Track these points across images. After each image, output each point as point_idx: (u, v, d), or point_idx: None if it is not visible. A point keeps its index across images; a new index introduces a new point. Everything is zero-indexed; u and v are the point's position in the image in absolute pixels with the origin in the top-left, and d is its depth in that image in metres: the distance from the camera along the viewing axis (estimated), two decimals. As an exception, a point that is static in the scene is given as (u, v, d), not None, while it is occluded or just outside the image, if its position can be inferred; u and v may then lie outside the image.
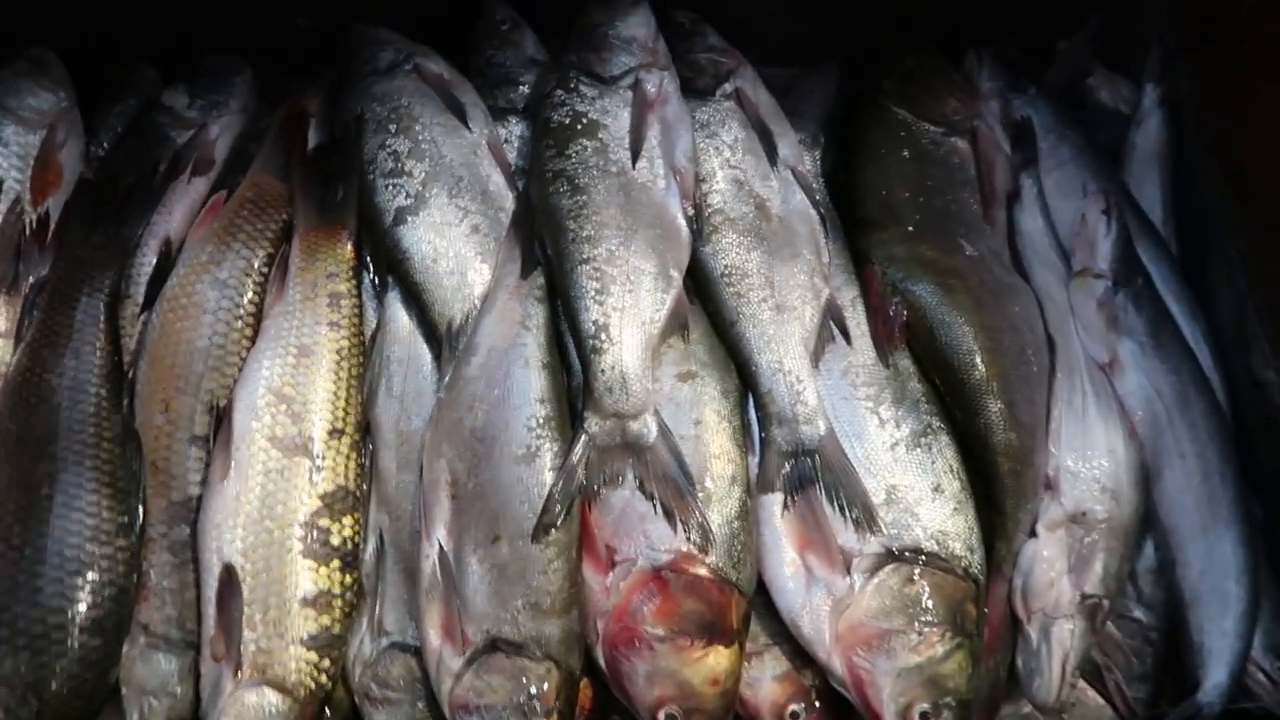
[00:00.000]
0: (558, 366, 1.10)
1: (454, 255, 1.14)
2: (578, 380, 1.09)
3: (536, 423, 1.06)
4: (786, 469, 1.09)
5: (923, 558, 1.06)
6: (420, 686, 1.04)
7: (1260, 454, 1.22)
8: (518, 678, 0.99)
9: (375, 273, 1.16)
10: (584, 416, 1.05)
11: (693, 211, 1.17)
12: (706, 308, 1.15)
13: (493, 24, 1.30)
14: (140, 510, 1.07)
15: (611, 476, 1.04)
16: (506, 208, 1.18)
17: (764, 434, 1.11)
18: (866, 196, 1.26)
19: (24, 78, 1.26)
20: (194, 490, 1.07)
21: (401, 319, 1.14)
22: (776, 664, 1.08)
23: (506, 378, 1.07)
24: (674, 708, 1.00)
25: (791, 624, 1.06)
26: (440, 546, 1.03)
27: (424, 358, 1.13)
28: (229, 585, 1.01)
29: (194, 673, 1.03)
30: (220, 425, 1.07)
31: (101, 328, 1.14)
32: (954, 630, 1.04)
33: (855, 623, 1.04)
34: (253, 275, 1.14)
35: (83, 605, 1.01)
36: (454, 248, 1.14)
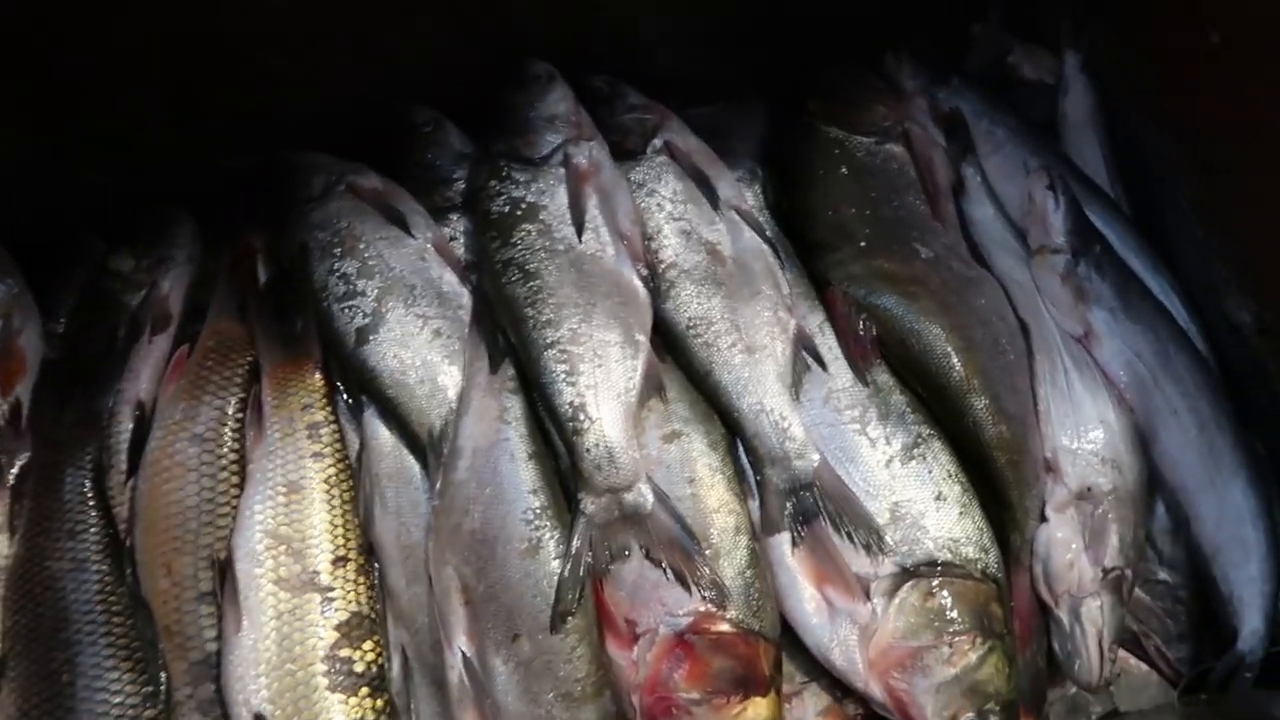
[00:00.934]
0: (544, 453, 1.10)
1: (421, 364, 1.14)
2: (566, 463, 1.09)
3: (533, 514, 1.06)
4: (788, 507, 1.09)
5: (938, 568, 1.06)
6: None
7: (1251, 395, 1.22)
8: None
9: (348, 395, 1.16)
10: (579, 499, 1.05)
11: (646, 272, 1.18)
12: (679, 363, 1.16)
13: (414, 128, 1.31)
14: (163, 676, 1.07)
15: (617, 551, 1.04)
16: (464, 304, 1.19)
17: (759, 476, 1.11)
18: (814, 220, 1.27)
19: (-32, 275, 1.27)
20: (211, 646, 1.06)
21: (383, 435, 1.15)
22: (817, 700, 1.08)
23: (495, 475, 1.07)
24: (724, 767, 1.00)
25: (823, 659, 1.06)
26: (463, 654, 1.03)
27: (412, 469, 1.13)
28: (262, 736, 1.01)
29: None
30: (224, 577, 1.07)
31: (92, 503, 1.15)
32: (983, 634, 1.04)
33: (885, 647, 1.04)
34: (229, 424, 1.15)
35: (123, 783, 1.01)
36: (420, 356, 1.15)
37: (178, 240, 1.32)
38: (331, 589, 1.07)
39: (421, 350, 1.15)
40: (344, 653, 1.05)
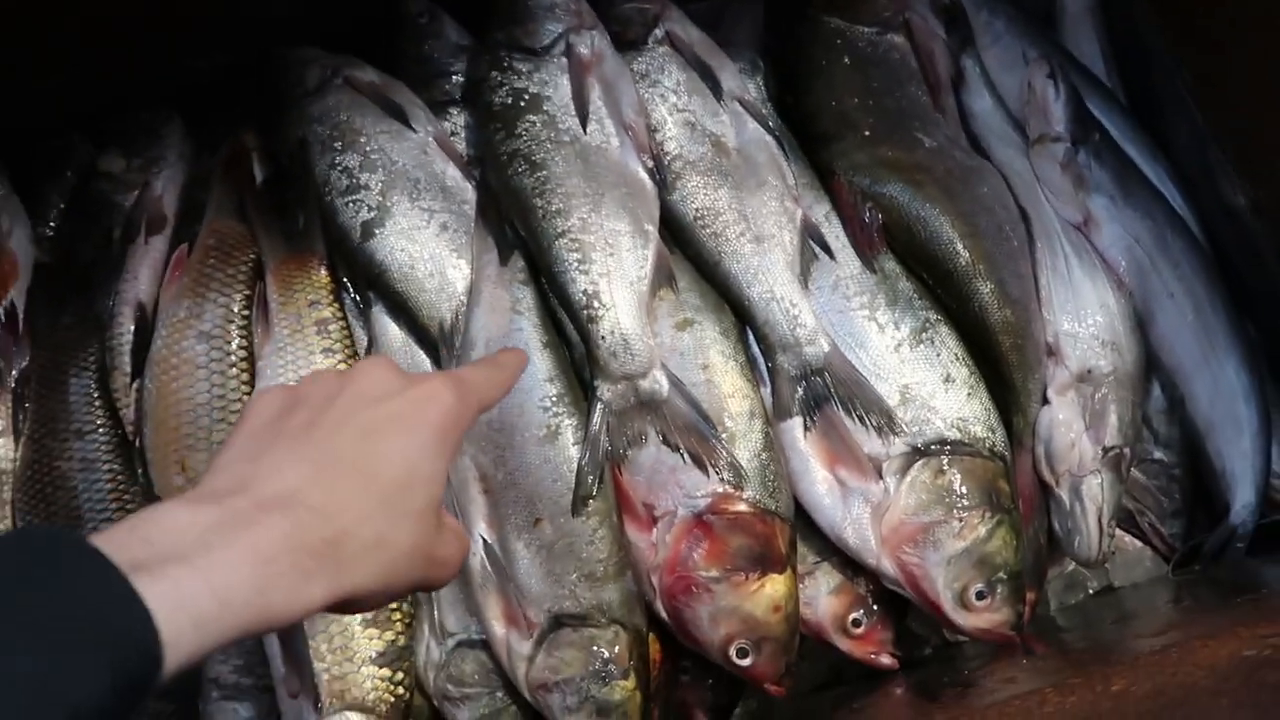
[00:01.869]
0: (558, 343, 1.10)
1: (430, 257, 1.13)
2: (580, 352, 1.09)
3: (550, 401, 1.06)
4: (799, 392, 1.10)
5: (948, 447, 1.08)
6: (495, 677, 1.06)
7: (1246, 278, 1.25)
8: (589, 647, 1.01)
9: (355, 292, 1.15)
10: (595, 385, 1.06)
11: (652, 163, 1.17)
12: (687, 254, 1.16)
13: (410, 21, 1.28)
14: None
15: (634, 437, 1.05)
16: (469, 199, 1.18)
17: (770, 364, 1.12)
18: (818, 111, 1.26)
19: (-45, 177, 1.24)
20: (228, 541, 1.07)
21: (392, 331, 1.14)
22: (829, 579, 1.11)
23: (510, 365, 1.07)
24: (743, 641, 1.02)
25: (836, 538, 1.09)
26: (484, 540, 1.04)
27: (424, 364, 1.12)
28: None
29: (274, 716, 1.04)
30: (240, 473, 1.06)
31: (98, 404, 1.14)
32: (992, 509, 1.07)
33: (897, 523, 1.06)
34: (235, 321, 1.13)
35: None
36: (428, 250, 1.14)
37: (168, 140, 1.29)
38: (348, 482, 1.07)
39: (429, 244, 1.14)
40: (362, 544, 1.05)
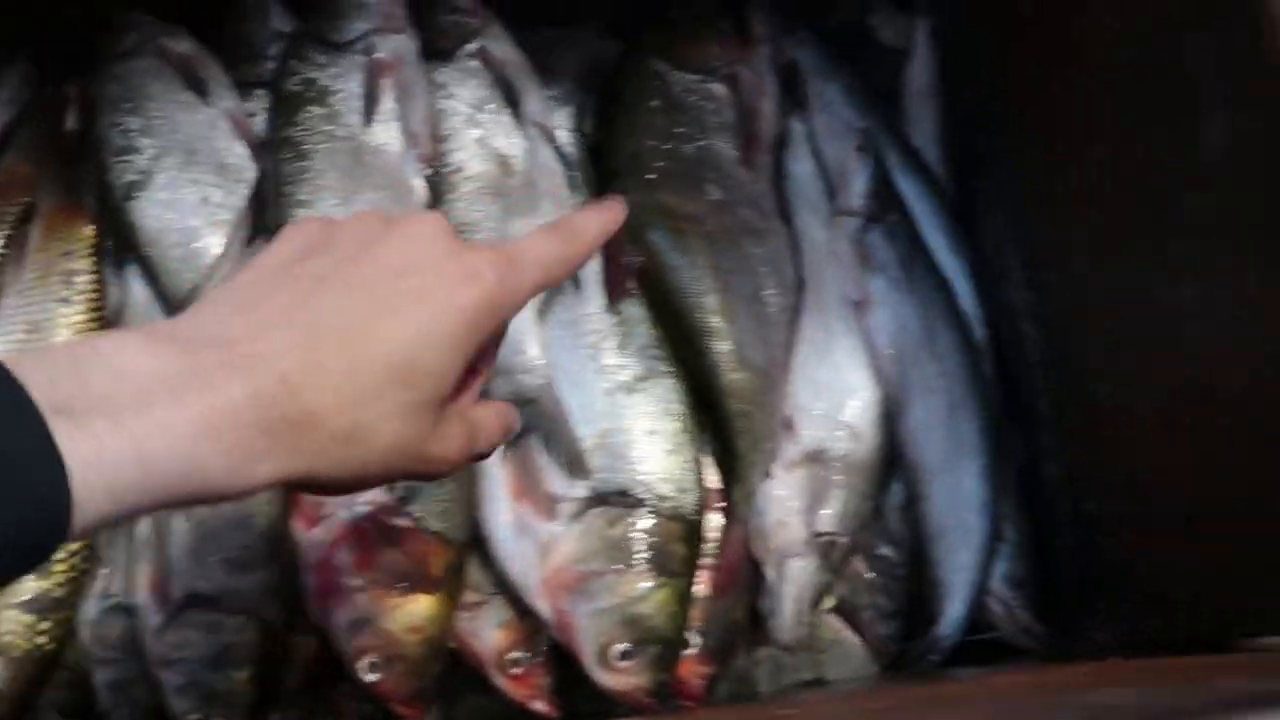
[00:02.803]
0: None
1: (181, 228, 1.16)
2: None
3: (239, 384, 1.07)
4: (504, 419, 1.09)
5: (629, 500, 1.06)
6: (138, 645, 1.07)
7: (1015, 385, 1.20)
8: (214, 631, 1.01)
9: (115, 251, 1.19)
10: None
11: (430, 172, 1.18)
12: (436, 266, 1.16)
13: (237, 1, 1.32)
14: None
15: (315, 433, 1.06)
16: (248, 179, 1.20)
17: (486, 384, 1.11)
18: (616, 149, 1.25)
19: None
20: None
21: (139, 293, 1.17)
22: (499, 613, 1.09)
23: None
24: (375, 657, 1.01)
25: (504, 572, 1.07)
26: (154, 508, 1.06)
27: (159, 328, 1.15)
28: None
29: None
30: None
31: None
32: (657, 571, 1.04)
33: (558, 567, 1.04)
34: (-11, 259, 1.17)
35: None
36: (182, 220, 1.16)
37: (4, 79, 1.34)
38: (54, 429, 1.09)
39: (185, 214, 1.17)
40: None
